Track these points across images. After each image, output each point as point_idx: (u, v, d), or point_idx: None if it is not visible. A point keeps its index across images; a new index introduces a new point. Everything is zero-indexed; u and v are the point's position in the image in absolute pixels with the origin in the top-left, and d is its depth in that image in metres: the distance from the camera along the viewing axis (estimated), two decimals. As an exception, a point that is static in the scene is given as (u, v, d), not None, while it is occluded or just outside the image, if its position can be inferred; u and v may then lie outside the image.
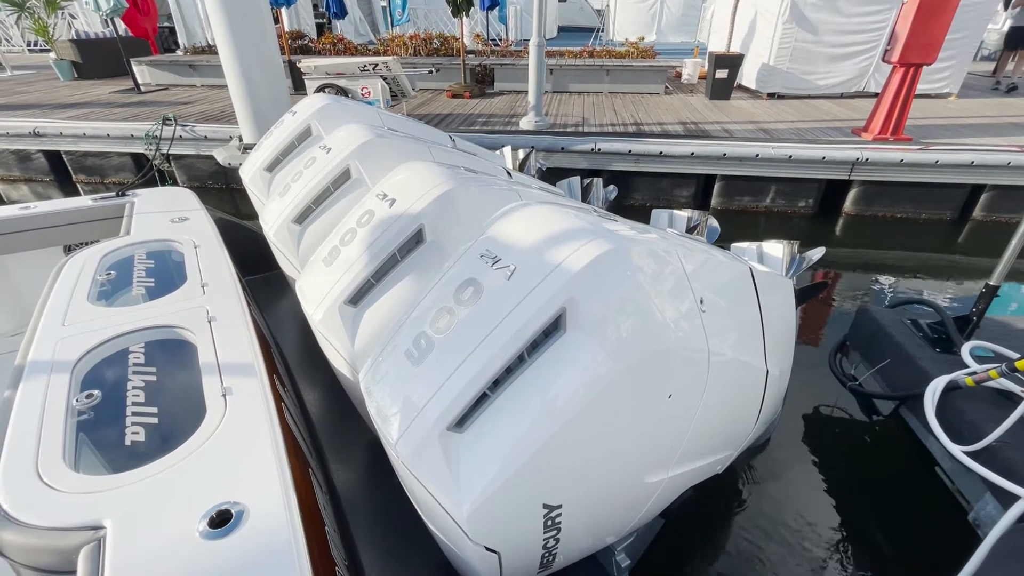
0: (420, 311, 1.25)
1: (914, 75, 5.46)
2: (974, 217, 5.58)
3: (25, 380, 1.35)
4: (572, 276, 1.07)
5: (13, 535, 0.99)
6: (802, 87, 8.06)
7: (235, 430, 1.19)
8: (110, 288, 1.83)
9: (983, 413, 1.93)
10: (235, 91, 5.25)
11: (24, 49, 16.00)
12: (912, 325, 2.54)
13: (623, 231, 1.25)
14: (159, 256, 2.06)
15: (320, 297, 1.60)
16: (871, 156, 5.30)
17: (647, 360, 1.17)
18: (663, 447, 1.40)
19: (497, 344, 1.07)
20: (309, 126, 2.62)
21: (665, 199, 5.93)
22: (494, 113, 7.34)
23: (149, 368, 1.43)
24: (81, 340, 1.49)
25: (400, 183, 1.71)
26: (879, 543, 2.32)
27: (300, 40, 10.21)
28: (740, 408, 1.76)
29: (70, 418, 1.24)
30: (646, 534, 1.87)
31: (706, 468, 1.76)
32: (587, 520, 1.34)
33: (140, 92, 8.71)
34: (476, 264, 1.21)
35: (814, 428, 2.94)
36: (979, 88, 9.05)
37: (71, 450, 1.17)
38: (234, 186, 6.31)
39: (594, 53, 9.31)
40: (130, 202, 2.60)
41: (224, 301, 1.70)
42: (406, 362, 1.17)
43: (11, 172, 6.80)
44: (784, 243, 2.46)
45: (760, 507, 2.51)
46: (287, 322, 2.77)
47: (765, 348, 1.78)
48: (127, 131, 6.27)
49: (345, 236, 1.68)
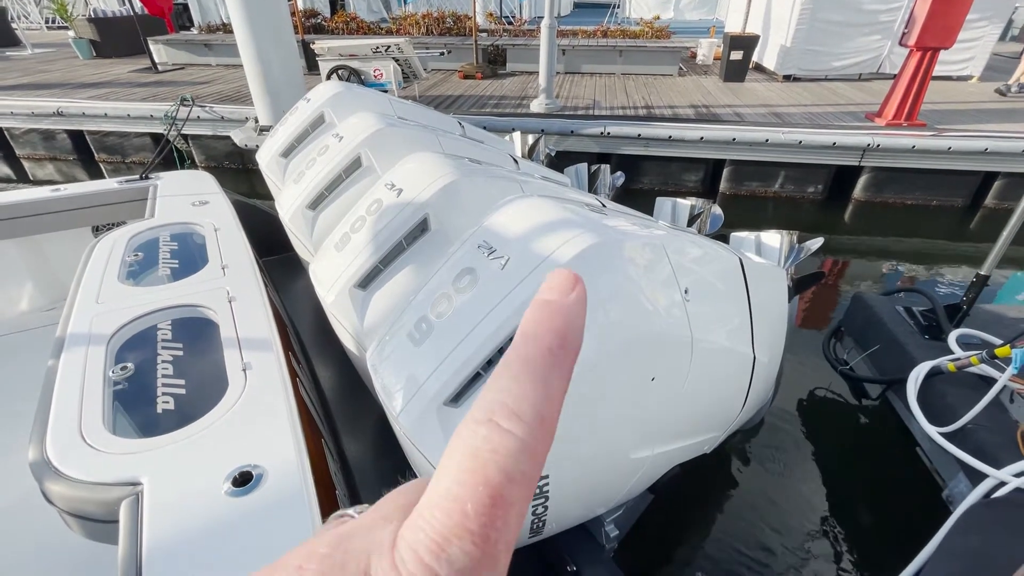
0: (422, 296, 1.36)
1: (931, 59, 5.37)
2: (986, 205, 5.53)
3: (66, 351, 1.49)
4: (560, 267, 1.17)
5: (61, 487, 1.13)
6: (819, 69, 7.93)
7: (255, 402, 1.32)
8: (138, 268, 1.97)
9: (962, 397, 2.01)
10: (251, 73, 5.34)
11: (42, 26, 16.15)
12: (904, 312, 2.60)
13: (612, 224, 1.34)
14: (182, 238, 2.19)
15: (332, 281, 1.71)
16: (882, 142, 5.25)
17: (630, 345, 1.27)
18: (647, 426, 1.51)
19: (491, 328, 1.17)
20: (322, 113, 2.71)
21: (673, 184, 5.94)
22: (505, 95, 7.35)
23: (176, 344, 1.56)
24: (114, 317, 1.62)
25: (407, 173, 1.81)
26: (860, 519, 2.43)
27: (313, 19, 10.21)
28: (726, 392, 1.86)
29: (107, 387, 1.38)
30: (635, 507, 1.99)
31: (692, 448, 1.87)
32: (574, 491, 1.46)
33: (157, 71, 8.82)
34: (473, 254, 1.32)
35: (806, 410, 3.04)
36: (1005, 71, 8.81)
37: (109, 415, 1.31)
38: (250, 167, 6.44)
39: (608, 33, 9.20)
40: (153, 185, 2.72)
41: (243, 282, 1.82)
42: (408, 343, 1.29)
43: (37, 151, 7.00)
44: (783, 233, 2.51)
45: (749, 485, 2.63)
46: (301, 302, 2.90)
47: (753, 336, 1.86)
48: (146, 111, 6.41)
49: (355, 223, 1.78)
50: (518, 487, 0.18)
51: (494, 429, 0.19)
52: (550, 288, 0.23)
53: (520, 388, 0.20)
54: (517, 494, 0.18)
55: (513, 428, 0.19)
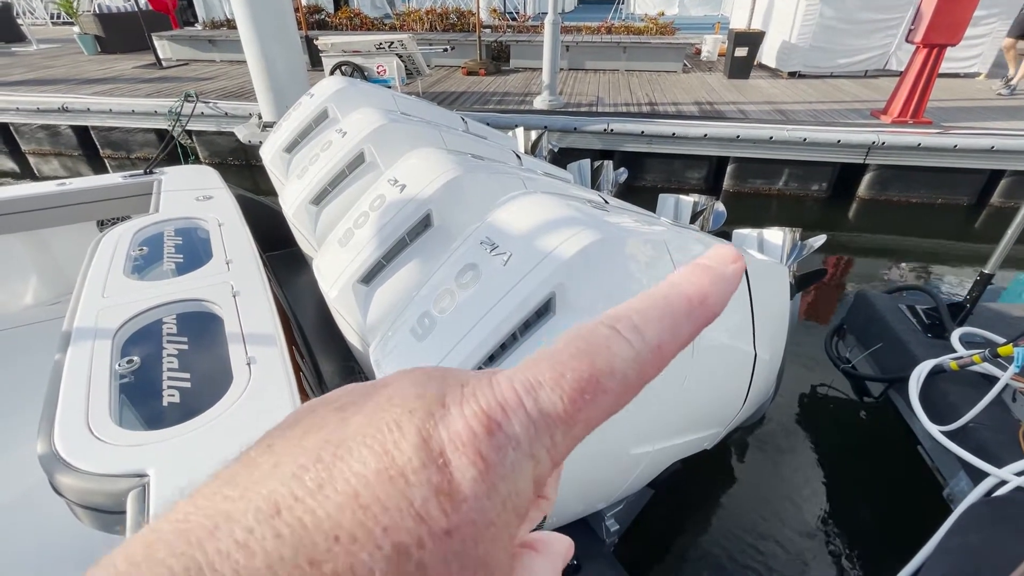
0: (425, 292, 1.37)
1: (937, 56, 5.33)
2: (991, 203, 5.50)
3: (72, 345, 1.50)
4: (561, 263, 1.18)
5: (70, 479, 1.15)
6: (824, 66, 7.89)
7: (259, 395, 1.33)
8: (143, 263, 1.98)
9: (964, 396, 2.01)
10: (254, 70, 5.35)
11: (47, 21, 16.19)
12: (907, 310, 2.60)
13: (613, 221, 1.35)
14: (187, 233, 2.20)
15: (335, 276, 1.72)
16: (888, 140, 5.23)
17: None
18: (647, 422, 1.52)
19: (492, 323, 1.18)
20: (326, 109, 2.71)
21: (677, 181, 5.93)
22: (508, 91, 7.34)
23: (181, 338, 1.57)
24: (120, 311, 1.64)
25: (410, 169, 1.81)
26: (861, 517, 2.44)
27: (317, 15, 10.21)
28: (726, 389, 1.87)
29: (114, 380, 1.39)
30: (635, 503, 2.00)
31: (692, 444, 1.87)
32: (576, 485, 1.47)
33: (162, 67, 8.84)
34: (476, 250, 1.32)
35: (807, 408, 3.04)
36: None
37: (116, 408, 1.32)
38: (254, 163, 6.46)
39: (612, 29, 9.17)
40: (158, 180, 2.74)
41: (247, 277, 1.84)
42: (411, 339, 1.29)
43: (42, 146, 7.03)
44: (785, 230, 2.51)
45: (750, 482, 2.63)
46: (304, 296, 2.92)
47: (754, 333, 1.87)
48: (151, 107, 6.43)
49: (359, 219, 1.79)
50: (616, 384, 0.20)
51: (615, 332, 0.20)
52: (711, 256, 0.24)
53: (651, 313, 0.21)
54: (613, 388, 0.20)
55: (632, 339, 0.20)
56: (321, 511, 0.17)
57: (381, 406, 0.20)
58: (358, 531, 0.16)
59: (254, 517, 0.16)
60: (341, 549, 0.16)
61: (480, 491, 0.18)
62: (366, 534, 0.16)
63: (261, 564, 0.15)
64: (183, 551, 0.16)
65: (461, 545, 0.17)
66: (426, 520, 0.17)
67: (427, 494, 0.17)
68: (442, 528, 0.17)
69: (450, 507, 0.17)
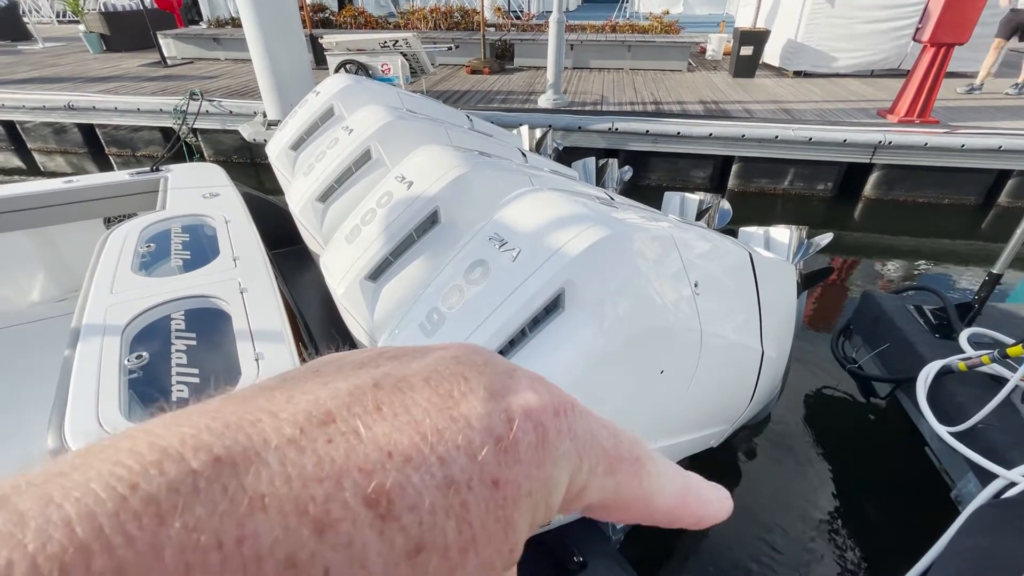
0: (433, 288, 1.36)
1: (945, 55, 5.31)
2: (999, 203, 5.47)
3: (82, 341, 1.51)
4: (571, 259, 1.18)
5: None
6: (831, 65, 7.85)
7: (268, 391, 1.33)
8: (150, 259, 1.99)
9: (972, 397, 2.00)
10: (259, 68, 5.36)
11: (53, 20, 16.26)
12: (915, 311, 2.59)
13: (622, 217, 1.34)
14: (193, 230, 2.21)
15: (342, 272, 1.72)
16: (894, 139, 5.21)
17: (640, 338, 1.28)
18: (655, 419, 1.51)
19: (501, 319, 1.18)
20: (332, 106, 2.72)
21: (682, 180, 5.92)
22: (512, 90, 7.33)
23: (189, 334, 1.58)
24: (128, 307, 1.64)
25: (417, 166, 1.81)
26: (867, 518, 2.42)
27: (321, 13, 10.22)
28: (734, 386, 1.86)
29: (123, 375, 1.40)
30: (642, 500, 1.99)
31: (699, 441, 1.87)
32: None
33: (167, 66, 8.87)
34: (485, 246, 1.32)
35: (813, 408, 3.03)
36: (1020, 67, 8.69)
37: (125, 403, 1.33)
38: (259, 161, 6.47)
39: (616, 28, 9.15)
40: (164, 177, 2.74)
41: (254, 274, 1.84)
42: (420, 334, 1.29)
43: (48, 144, 7.06)
44: (792, 228, 2.50)
45: (756, 481, 2.62)
46: (310, 294, 2.92)
47: (762, 330, 1.86)
48: (156, 105, 6.44)
49: (366, 215, 1.79)
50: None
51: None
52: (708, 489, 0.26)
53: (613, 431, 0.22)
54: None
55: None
56: (377, 428, 0.16)
57: (444, 360, 0.20)
58: (414, 453, 0.16)
59: (305, 418, 0.16)
60: (393, 466, 0.16)
61: (533, 459, 0.18)
62: (421, 459, 0.16)
63: (310, 462, 0.15)
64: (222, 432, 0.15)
65: (503, 500, 0.17)
66: (480, 463, 0.17)
67: (487, 440, 0.17)
68: (492, 477, 0.17)
69: (504, 459, 0.17)
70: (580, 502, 0.20)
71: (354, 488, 0.15)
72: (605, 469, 0.21)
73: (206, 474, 0.14)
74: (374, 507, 0.15)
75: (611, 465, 0.21)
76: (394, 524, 0.15)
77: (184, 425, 0.15)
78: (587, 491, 0.20)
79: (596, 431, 0.21)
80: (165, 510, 0.13)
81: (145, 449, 0.14)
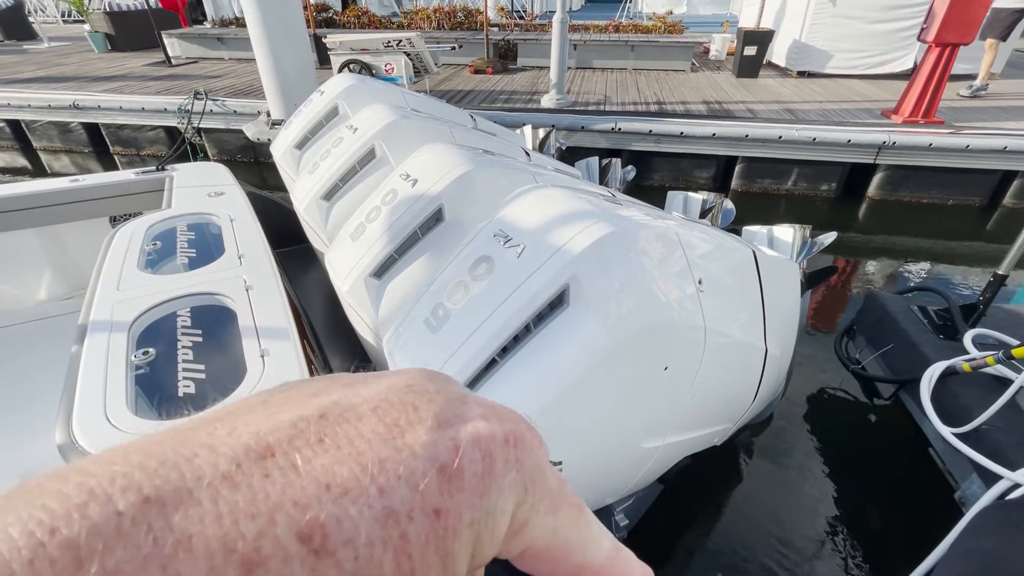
0: (438, 284, 1.37)
1: (950, 55, 5.29)
2: (1004, 204, 5.44)
3: (89, 337, 1.52)
4: (575, 256, 1.18)
5: None
6: (835, 66, 7.83)
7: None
8: (156, 257, 2.00)
9: (976, 398, 1.99)
10: (263, 68, 5.38)
11: (58, 19, 16.33)
12: (919, 311, 2.58)
13: (626, 214, 1.34)
14: (199, 228, 2.22)
15: (347, 270, 1.73)
16: (898, 140, 5.19)
17: (644, 334, 1.28)
18: (659, 416, 1.51)
19: (506, 315, 1.18)
20: (336, 105, 2.73)
21: (685, 180, 5.91)
22: (516, 90, 7.34)
23: (196, 330, 1.58)
24: (134, 304, 1.65)
25: (422, 164, 1.82)
26: (870, 519, 2.42)
27: (325, 13, 10.24)
28: (737, 384, 1.86)
29: (130, 371, 1.41)
30: (645, 498, 2.00)
31: (703, 439, 1.87)
32: (587, 478, 1.47)
33: (171, 65, 8.90)
34: (490, 243, 1.33)
35: (816, 409, 3.02)
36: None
37: (132, 398, 1.34)
38: (262, 160, 6.49)
39: (620, 28, 9.15)
40: (170, 176, 2.76)
41: (259, 271, 1.85)
42: (425, 330, 1.30)
43: (53, 143, 7.09)
44: (795, 227, 2.50)
45: (758, 480, 2.62)
46: (314, 293, 2.93)
47: (766, 329, 1.86)
48: (160, 105, 6.47)
49: (370, 213, 1.80)
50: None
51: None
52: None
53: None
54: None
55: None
56: (317, 460, 0.16)
57: (396, 388, 0.20)
58: (352, 485, 0.16)
59: (243, 452, 0.16)
60: (330, 499, 0.15)
61: (477, 488, 0.18)
62: (360, 490, 0.16)
63: (243, 498, 0.15)
64: (155, 470, 0.14)
65: (444, 530, 0.17)
66: (422, 493, 0.17)
67: (430, 469, 0.17)
68: (433, 506, 0.17)
69: (447, 488, 0.17)
70: (521, 537, 0.20)
71: (287, 523, 0.15)
72: (548, 507, 0.21)
73: (131, 515, 0.13)
74: (307, 542, 0.15)
75: (555, 503, 0.21)
76: (328, 559, 0.15)
77: (118, 463, 0.15)
78: (529, 527, 0.20)
79: (544, 467, 0.21)
80: (84, 555, 0.13)
81: (72, 491, 0.14)
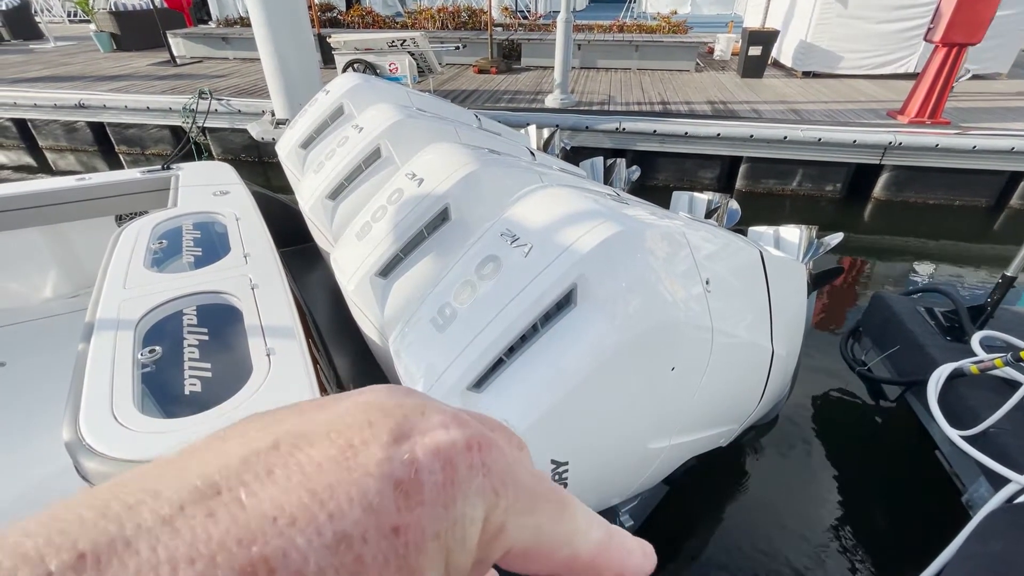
0: (445, 284, 1.37)
1: (957, 55, 5.26)
2: (1011, 205, 5.41)
3: (96, 335, 1.52)
4: (583, 255, 1.17)
5: (95, 464, 1.16)
6: (840, 66, 7.80)
7: (279, 386, 1.34)
8: (162, 256, 2.00)
9: (984, 400, 1.98)
10: (268, 68, 5.39)
11: (64, 19, 16.40)
12: (926, 313, 2.56)
13: (633, 214, 1.34)
14: (205, 227, 2.22)
15: (353, 269, 1.73)
16: (904, 140, 5.17)
17: (651, 334, 1.27)
18: (666, 416, 1.51)
19: (513, 315, 1.18)
20: (341, 105, 2.73)
21: (689, 180, 5.90)
22: (520, 90, 7.34)
23: (202, 329, 1.59)
24: (141, 302, 1.65)
25: (428, 163, 1.82)
26: (876, 522, 2.41)
27: (329, 12, 10.26)
28: (744, 385, 1.85)
29: (136, 370, 1.41)
30: (650, 499, 1.99)
31: (709, 440, 1.86)
32: (592, 478, 1.46)
33: (176, 65, 8.93)
34: (497, 242, 1.32)
35: (822, 410, 3.01)
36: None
37: (138, 396, 1.34)
38: (266, 159, 6.50)
39: (624, 28, 9.14)
40: (175, 175, 2.76)
41: (265, 270, 1.85)
42: (431, 329, 1.30)
43: (59, 142, 7.13)
44: (801, 228, 2.49)
45: (764, 482, 2.61)
46: (320, 291, 2.93)
47: (772, 329, 1.85)
48: (165, 104, 6.49)
49: (376, 213, 1.80)
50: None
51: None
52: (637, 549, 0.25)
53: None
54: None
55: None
56: (264, 493, 0.16)
57: (353, 408, 0.19)
58: (300, 514, 0.15)
59: (188, 494, 0.15)
60: (276, 531, 0.15)
61: (438, 499, 0.18)
62: (308, 518, 0.15)
63: (183, 543, 0.14)
64: (94, 523, 0.14)
65: (405, 547, 0.16)
66: (376, 512, 0.16)
67: (384, 487, 0.17)
68: (391, 524, 0.16)
69: (404, 504, 0.17)
70: (500, 542, 0.20)
71: (229, 563, 0.14)
72: (525, 507, 0.20)
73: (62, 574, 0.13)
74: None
75: (532, 503, 0.20)
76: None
77: (59, 518, 0.14)
78: (506, 531, 0.20)
79: (514, 467, 0.20)
80: None
81: (5, 556, 0.13)
